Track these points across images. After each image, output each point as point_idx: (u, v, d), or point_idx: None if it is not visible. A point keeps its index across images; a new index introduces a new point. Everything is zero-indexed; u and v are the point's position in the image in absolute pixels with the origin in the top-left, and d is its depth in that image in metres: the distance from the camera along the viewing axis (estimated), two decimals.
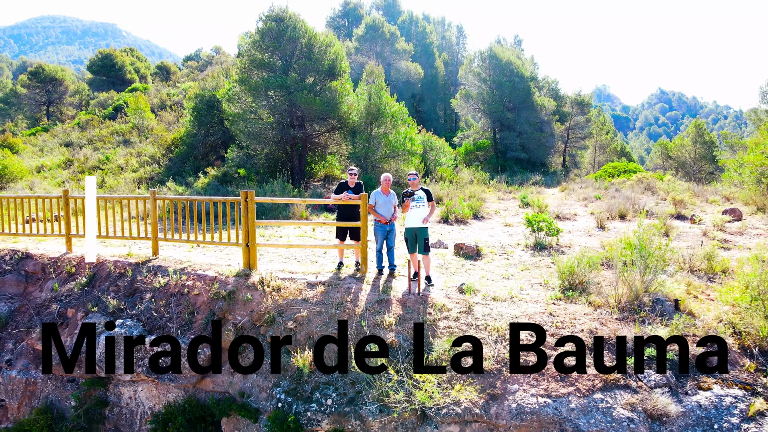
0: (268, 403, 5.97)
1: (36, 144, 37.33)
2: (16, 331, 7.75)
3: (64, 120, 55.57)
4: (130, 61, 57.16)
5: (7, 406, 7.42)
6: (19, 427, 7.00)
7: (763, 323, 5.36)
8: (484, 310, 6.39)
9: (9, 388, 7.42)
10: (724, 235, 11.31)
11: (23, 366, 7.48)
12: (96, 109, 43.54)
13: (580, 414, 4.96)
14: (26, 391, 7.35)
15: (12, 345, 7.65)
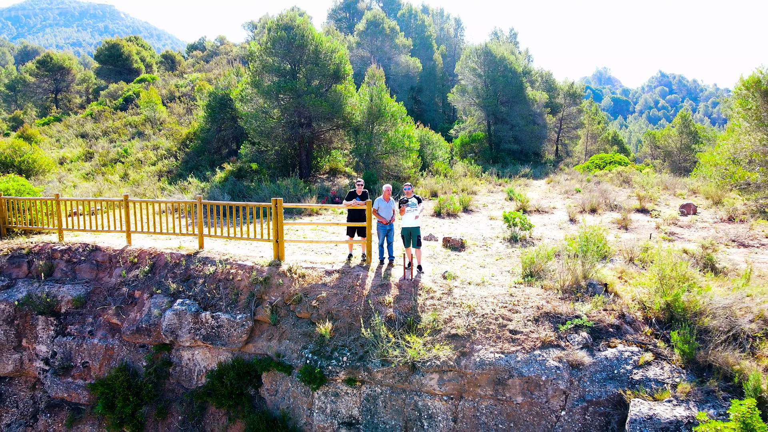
0: (298, 361, 8.05)
1: (52, 134, 39.14)
2: (94, 308, 9.80)
3: (72, 108, 57.27)
4: (135, 50, 58.41)
5: (90, 367, 9.51)
6: (103, 382, 9.10)
7: (659, 300, 7.38)
8: (460, 291, 8.42)
9: (92, 352, 9.50)
10: (674, 228, 13.29)
11: (102, 335, 9.55)
12: (107, 99, 45.07)
13: (523, 365, 7.01)
14: (105, 355, 9.44)
15: (92, 319, 9.71)
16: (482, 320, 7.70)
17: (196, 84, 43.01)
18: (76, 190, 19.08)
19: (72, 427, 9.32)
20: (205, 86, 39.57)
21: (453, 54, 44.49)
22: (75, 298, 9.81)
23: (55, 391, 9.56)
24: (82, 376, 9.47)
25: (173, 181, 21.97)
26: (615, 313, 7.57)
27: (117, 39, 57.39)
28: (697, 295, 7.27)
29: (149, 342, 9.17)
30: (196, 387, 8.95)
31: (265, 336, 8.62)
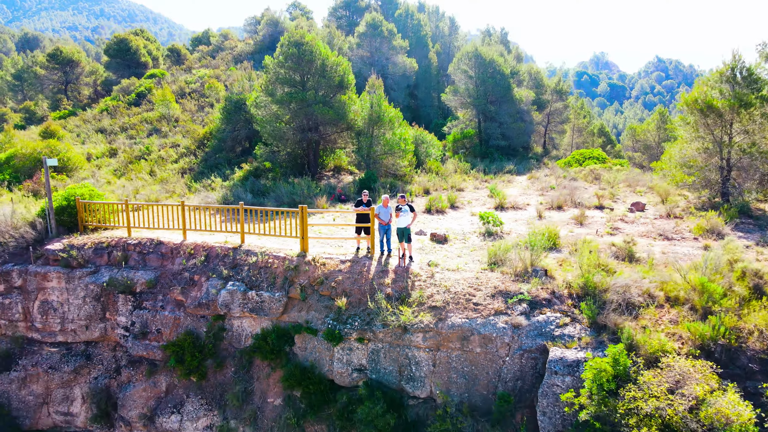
0: (322, 326, 11.14)
1: (71, 129, 41.68)
2: (162, 289, 12.86)
3: (81, 100, 59.75)
4: (143, 44, 60.53)
5: (162, 332, 12.60)
6: (174, 343, 12.19)
7: (578, 281, 10.45)
8: (440, 276, 11.48)
9: (163, 321, 12.58)
10: (620, 224, 16.32)
11: (170, 309, 12.64)
12: (120, 95, 47.52)
13: (481, 326, 10.11)
14: (174, 323, 12.53)
15: (161, 297, 12.77)
16: (454, 296, 10.78)
17: (204, 80, 45.63)
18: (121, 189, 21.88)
19: (150, 376, 12.46)
20: (214, 84, 42.32)
21: (447, 51, 47.04)
22: (147, 281, 12.86)
23: (136, 350, 12.67)
24: (156, 339, 12.58)
25: (196, 179, 24.89)
26: (548, 290, 10.65)
27: (125, 34, 59.62)
28: (604, 277, 10.35)
29: (208, 313, 12.25)
30: (244, 346, 12.06)
31: (296, 308, 11.71)
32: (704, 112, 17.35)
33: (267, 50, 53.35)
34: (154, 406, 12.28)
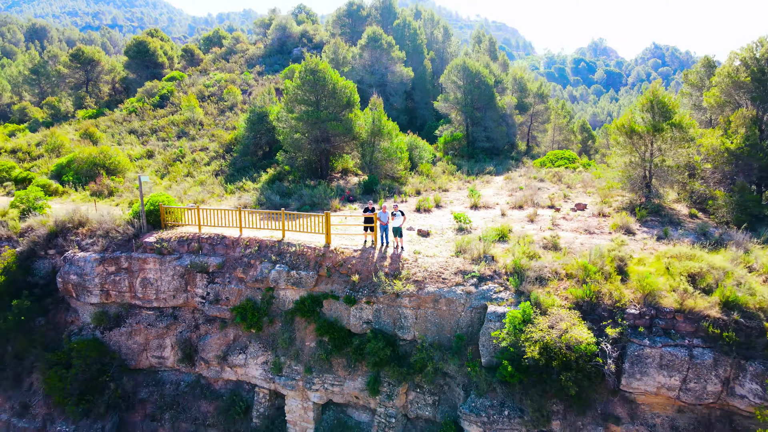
0: (342, 294, 16.69)
1: (104, 129, 46.66)
2: (228, 270, 18.38)
3: (102, 97, 64.81)
4: (159, 45, 65.10)
5: (230, 299, 18.16)
6: (238, 307, 17.74)
7: (511, 264, 15.94)
8: (422, 260, 16.98)
9: (230, 292, 18.13)
10: (561, 221, 21.73)
11: (235, 283, 18.18)
12: (144, 96, 52.44)
13: (447, 293, 15.66)
14: (238, 294, 18.08)
15: (228, 275, 18.31)
16: (430, 274, 16.29)
17: (222, 84, 50.63)
18: (169, 190, 27.19)
19: (222, 329, 18.07)
20: (232, 89, 47.40)
21: (441, 57, 51.97)
22: (217, 264, 18.38)
23: (211, 312, 18.26)
24: (225, 304, 18.15)
25: (229, 181, 30.26)
26: (491, 270, 16.17)
27: (143, 36, 64.15)
28: (528, 261, 15.86)
29: (262, 286, 17.79)
30: (288, 308, 17.63)
31: (323, 282, 17.24)
32: (629, 134, 22.72)
33: (276, 53, 58.39)
34: (226, 350, 17.91)
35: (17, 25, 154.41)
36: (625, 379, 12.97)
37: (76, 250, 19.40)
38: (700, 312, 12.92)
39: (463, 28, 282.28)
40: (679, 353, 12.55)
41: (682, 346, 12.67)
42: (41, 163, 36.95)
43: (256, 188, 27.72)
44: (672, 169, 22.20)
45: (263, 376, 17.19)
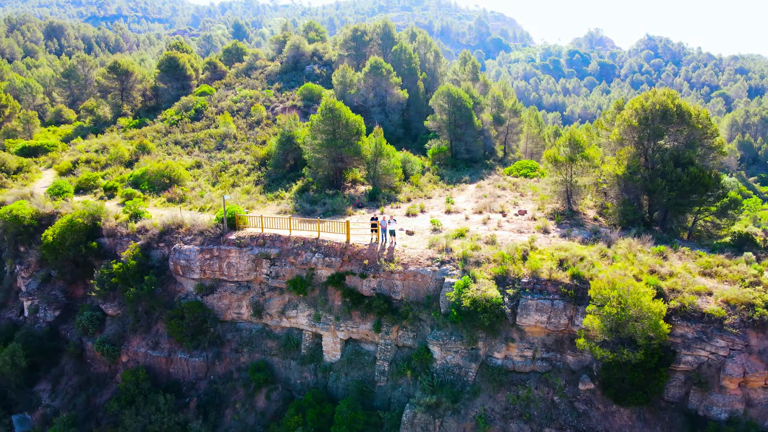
0: (357, 272, 27.18)
1: (151, 138, 56.43)
2: (284, 257, 28.84)
3: (136, 105, 74.89)
4: (187, 59, 74.79)
5: (285, 276, 28.62)
6: (291, 280, 28.23)
7: (462, 253, 26.28)
8: (408, 251, 27.41)
9: (286, 271, 28.60)
10: (504, 223, 32.05)
11: (289, 265, 28.65)
12: (182, 110, 62.23)
13: (421, 270, 26.09)
14: (290, 272, 28.56)
15: (284, 260, 28.76)
16: (412, 259, 26.72)
17: (248, 101, 60.51)
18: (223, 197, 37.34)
19: (280, 295, 28.59)
20: (258, 107, 57.25)
21: (432, 76, 61.85)
22: (276, 253, 28.81)
23: (272, 284, 28.76)
24: (282, 279, 28.61)
25: (267, 190, 40.44)
26: (449, 257, 26.57)
27: (174, 53, 73.82)
28: (472, 251, 26.23)
29: (306, 267, 28.25)
30: (323, 281, 28.09)
31: (346, 265, 27.68)
32: (554, 162, 32.97)
33: (291, 70, 68.28)
34: (283, 308, 28.43)
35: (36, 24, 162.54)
36: (518, 318, 23.44)
37: (181, 244, 29.84)
38: (559, 280, 23.36)
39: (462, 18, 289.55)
40: (546, 303, 23.00)
41: (548, 299, 23.13)
42: (111, 172, 47.23)
43: (290, 197, 37.99)
44: (583, 187, 32.57)
45: (308, 323, 27.73)
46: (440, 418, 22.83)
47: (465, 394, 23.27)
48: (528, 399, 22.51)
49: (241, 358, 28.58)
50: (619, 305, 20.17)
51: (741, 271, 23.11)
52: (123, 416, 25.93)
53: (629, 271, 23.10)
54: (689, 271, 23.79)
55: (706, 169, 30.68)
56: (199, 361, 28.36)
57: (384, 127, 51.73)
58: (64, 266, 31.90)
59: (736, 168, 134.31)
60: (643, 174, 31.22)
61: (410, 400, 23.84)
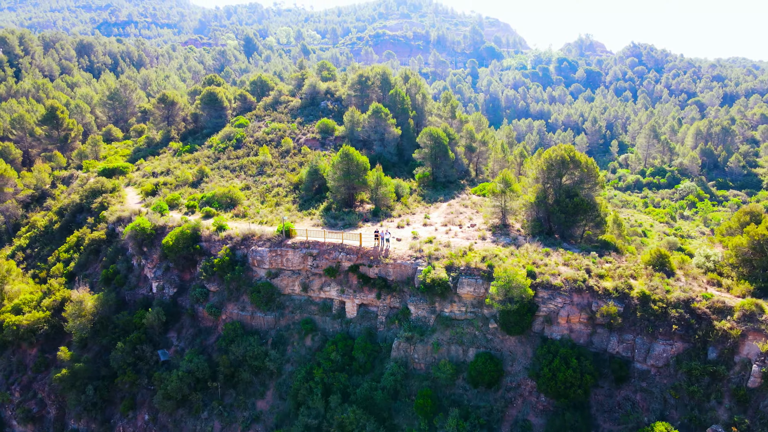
0: (366, 263, 46.38)
1: (205, 162, 75.49)
2: (322, 255, 48.00)
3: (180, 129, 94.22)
4: (223, 92, 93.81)
5: (323, 265, 47.75)
6: (326, 269, 47.36)
7: (428, 252, 45.29)
8: (397, 252, 46.51)
9: (321, 263, 47.75)
10: (459, 233, 51.05)
11: (324, 259, 47.83)
12: (225, 139, 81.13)
13: (405, 262, 45.23)
14: (325, 263, 47.70)
15: (320, 256, 47.91)
16: (399, 256, 45.80)
17: (278, 132, 79.41)
18: (275, 214, 56.52)
19: (319, 278, 47.71)
20: (287, 140, 76.24)
21: (420, 113, 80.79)
22: (316, 252, 47.85)
23: (314, 271, 47.88)
24: (320, 268, 47.68)
25: (302, 208, 59.30)
26: (422, 255, 45.62)
27: (214, 88, 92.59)
28: (435, 251, 45.29)
29: (335, 261, 47.27)
30: (345, 269, 47.14)
31: (360, 259, 46.75)
32: (493, 193, 52.08)
33: (309, 105, 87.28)
34: (321, 285, 47.53)
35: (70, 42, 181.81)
36: (457, 289, 42.51)
37: (256, 247, 48.95)
38: (480, 268, 42.42)
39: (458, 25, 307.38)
40: (473, 280, 42.08)
41: (474, 278, 42.19)
42: (183, 192, 66.28)
43: (319, 214, 56.94)
44: (512, 209, 51.71)
45: (336, 295, 46.90)
46: (413, 345, 42.01)
47: (427, 331, 42.46)
48: (461, 333, 41.69)
49: (295, 317, 47.72)
50: (507, 280, 39.19)
51: (582, 263, 42.20)
52: (230, 347, 45.09)
53: (519, 263, 42.22)
54: (556, 262, 42.85)
55: (587, 198, 49.67)
56: (270, 318, 47.53)
57: (382, 156, 71.38)
58: (178, 260, 51.02)
59: (698, 173, 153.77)
60: (546, 202, 50.33)
61: (396, 336, 43.03)
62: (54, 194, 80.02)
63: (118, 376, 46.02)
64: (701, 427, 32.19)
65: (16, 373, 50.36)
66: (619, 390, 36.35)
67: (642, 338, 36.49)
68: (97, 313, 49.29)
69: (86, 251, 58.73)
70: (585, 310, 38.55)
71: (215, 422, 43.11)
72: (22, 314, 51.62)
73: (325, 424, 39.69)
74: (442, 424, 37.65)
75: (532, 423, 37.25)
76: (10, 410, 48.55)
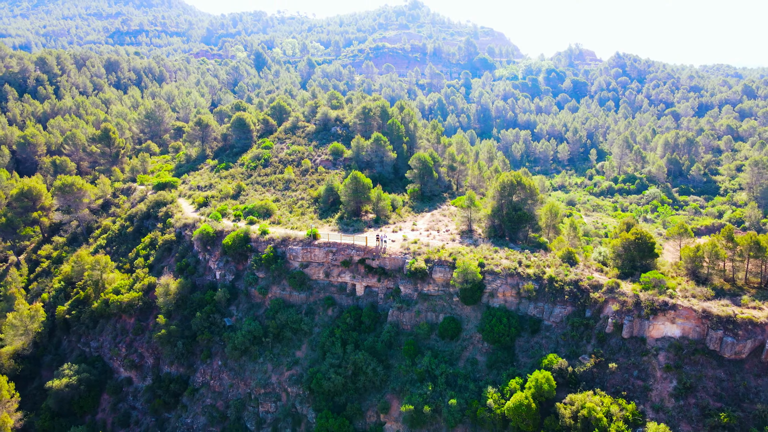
0: (370, 257, 68.07)
1: (239, 178, 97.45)
2: (340, 252, 69.63)
3: (213, 148, 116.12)
4: (249, 117, 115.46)
5: (339, 259, 69.42)
6: (342, 261, 69.04)
7: (413, 250, 66.77)
8: (391, 249, 68.12)
9: (339, 257, 69.40)
10: (437, 236, 72.56)
11: (341, 255, 69.50)
12: (255, 158, 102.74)
13: (397, 257, 66.90)
14: (342, 257, 69.51)
15: (339, 252, 69.56)
16: (393, 252, 67.37)
17: (298, 154, 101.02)
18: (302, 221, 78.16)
19: (338, 267, 69.35)
20: (306, 161, 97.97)
21: (412, 138, 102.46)
22: (335, 249, 69.45)
23: (334, 263, 69.58)
24: (338, 260, 69.34)
25: (321, 217, 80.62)
26: (408, 251, 67.16)
27: (242, 113, 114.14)
28: (419, 249, 66.88)
29: (349, 256, 68.90)
30: (356, 262, 68.77)
31: (366, 254, 68.39)
32: (460, 207, 73.86)
33: (323, 131, 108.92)
34: (339, 273, 69.11)
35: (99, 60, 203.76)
36: (432, 275, 64.03)
37: (292, 246, 70.56)
38: (448, 260, 63.94)
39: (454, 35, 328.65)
40: (443, 269, 63.53)
41: (443, 267, 63.74)
42: (228, 203, 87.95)
43: (335, 221, 78.42)
44: (476, 219, 73.41)
45: (350, 279, 68.51)
46: (402, 312, 63.65)
47: (412, 303, 64.10)
48: (435, 304, 63.32)
49: (320, 295, 69.29)
50: (464, 269, 60.63)
51: (517, 257, 63.74)
52: (276, 316, 66.62)
53: (475, 257, 63.73)
54: (500, 257, 64.34)
55: (528, 212, 71.37)
56: (303, 296, 69.12)
57: (382, 174, 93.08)
58: (234, 255, 72.62)
59: (664, 180, 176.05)
60: (500, 213, 72.04)
61: (391, 307, 64.65)
62: (117, 203, 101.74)
63: (197, 336, 67.59)
64: (576, 355, 53.68)
65: (120, 335, 72.02)
66: (533, 337, 57.90)
67: (548, 305, 58.10)
68: (178, 293, 70.87)
69: (161, 249, 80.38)
70: (514, 288, 60.14)
71: (268, 365, 64.70)
72: (121, 294, 73.29)
73: (343, 363, 61.17)
74: (420, 361, 59.18)
75: (478, 359, 58.79)
76: (118, 361, 70.19)
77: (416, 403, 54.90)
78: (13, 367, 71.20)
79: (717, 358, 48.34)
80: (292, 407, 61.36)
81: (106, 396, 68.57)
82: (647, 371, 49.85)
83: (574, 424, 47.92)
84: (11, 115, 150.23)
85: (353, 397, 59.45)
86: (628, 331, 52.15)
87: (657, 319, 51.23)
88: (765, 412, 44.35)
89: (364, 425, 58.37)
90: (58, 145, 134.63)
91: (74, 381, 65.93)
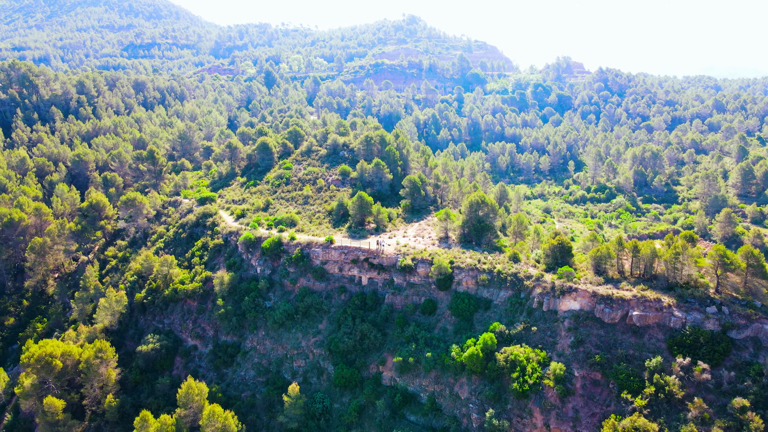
0: (372, 257, 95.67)
1: (265, 194, 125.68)
2: (350, 252, 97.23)
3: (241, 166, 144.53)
4: (271, 140, 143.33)
5: (350, 257, 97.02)
6: (353, 259, 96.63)
7: (401, 251, 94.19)
8: (387, 251, 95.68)
9: (351, 256, 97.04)
10: (421, 241, 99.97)
11: (352, 255, 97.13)
12: (279, 177, 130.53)
13: (392, 257, 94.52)
14: (352, 256, 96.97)
15: (351, 252, 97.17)
16: (389, 253, 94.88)
17: (314, 175, 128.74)
18: (320, 230, 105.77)
19: (349, 264, 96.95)
20: (320, 181, 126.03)
21: (405, 161, 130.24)
22: (347, 251, 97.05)
23: (346, 261, 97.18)
24: (349, 259, 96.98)
25: (335, 226, 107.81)
26: (400, 252, 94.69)
27: (265, 138, 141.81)
28: (407, 251, 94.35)
29: (357, 255, 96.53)
30: (362, 259, 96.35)
31: (370, 255, 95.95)
32: (439, 218, 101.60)
33: (332, 154, 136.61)
34: (350, 268, 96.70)
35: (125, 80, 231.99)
36: (416, 269, 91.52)
37: (314, 248, 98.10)
38: (428, 259, 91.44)
39: (449, 48, 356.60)
40: (425, 265, 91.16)
41: (425, 263, 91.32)
42: (261, 215, 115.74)
43: (346, 230, 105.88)
44: (451, 228, 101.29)
45: (357, 273, 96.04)
46: (395, 296, 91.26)
47: (402, 290, 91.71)
48: (418, 290, 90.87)
49: (336, 285, 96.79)
50: (439, 265, 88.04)
51: (477, 257, 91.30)
52: (304, 299, 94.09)
53: (447, 257, 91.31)
54: (466, 256, 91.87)
55: (490, 224, 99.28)
56: (323, 285, 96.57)
57: (380, 191, 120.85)
58: (270, 255, 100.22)
59: (631, 190, 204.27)
60: (469, 224, 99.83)
61: (387, 293, 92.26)
62: (168, 213, 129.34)
63: (246, 314, 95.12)
64: (512, 323, 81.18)
65: (186, 314, 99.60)
66: (485, 312, 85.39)
67: (497, 290, 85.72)
68: (230, 283, 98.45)
69: (212, 251, 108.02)
70: (474, 278, 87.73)
71: (299, 334, 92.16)
72: (185, 284, 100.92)
73: (353, 332, 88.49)
74: (407, 330, 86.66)
75: (447, 328, 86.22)
76: (186, 333, 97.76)
77: (404, 357, 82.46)
78: (104, 338, 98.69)
79: (600, 322, 75.87)
80: (317, 363, 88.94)
81: (179, 358, 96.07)
82: (556, 332, 77.43)
83: (506, 365, 75.44)
84: (60, 135, 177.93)
85: (360, 355, 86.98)
86: (546, 306, 79.74)
87: (565, 298, 78.80)
88: (623, 353, 71.92)
89: (368, 374, 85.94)
90: (104, 162, 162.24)
91: (157, 346, 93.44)
